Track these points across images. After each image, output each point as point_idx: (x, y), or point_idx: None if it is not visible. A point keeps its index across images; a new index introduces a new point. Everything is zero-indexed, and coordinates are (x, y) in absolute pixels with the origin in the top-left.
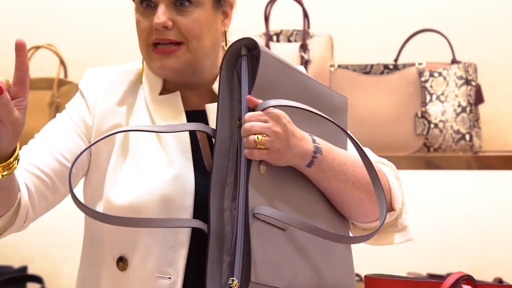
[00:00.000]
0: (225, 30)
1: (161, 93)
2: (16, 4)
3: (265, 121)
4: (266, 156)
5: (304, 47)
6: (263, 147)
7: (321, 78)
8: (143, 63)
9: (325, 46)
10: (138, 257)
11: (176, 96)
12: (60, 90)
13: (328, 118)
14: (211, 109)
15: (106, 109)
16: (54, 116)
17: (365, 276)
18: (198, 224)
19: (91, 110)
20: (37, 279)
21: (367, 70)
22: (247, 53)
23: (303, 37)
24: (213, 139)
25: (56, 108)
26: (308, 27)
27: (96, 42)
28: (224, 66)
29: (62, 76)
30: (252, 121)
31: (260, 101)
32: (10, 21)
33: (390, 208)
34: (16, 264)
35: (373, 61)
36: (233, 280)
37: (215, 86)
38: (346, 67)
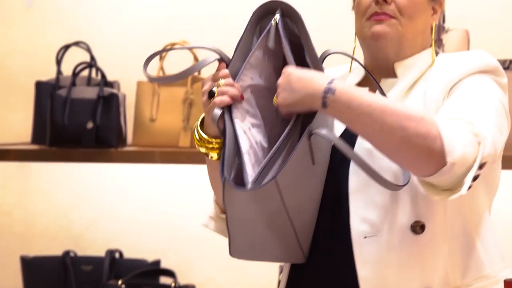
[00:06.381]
0: (433, 24)
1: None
2: (151, 2)
3: None
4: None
5: (438, 43)
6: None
7: None
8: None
9: (461, 41)
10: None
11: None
12: (193, 87)
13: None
14: (386, 83)
15: None
16: (188, 113)
17: (505, 281)
18: None
19: None
20: (169, 273)
21: (506, 65)
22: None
23: (437, 31)
24: None
25: (189, 104)
26: (443, 22)
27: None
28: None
29: (195, 73)
30: None
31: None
32: (144, 19)
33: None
34: (150, 258)
35: None
36: None
37: (397, 66)
38: None
